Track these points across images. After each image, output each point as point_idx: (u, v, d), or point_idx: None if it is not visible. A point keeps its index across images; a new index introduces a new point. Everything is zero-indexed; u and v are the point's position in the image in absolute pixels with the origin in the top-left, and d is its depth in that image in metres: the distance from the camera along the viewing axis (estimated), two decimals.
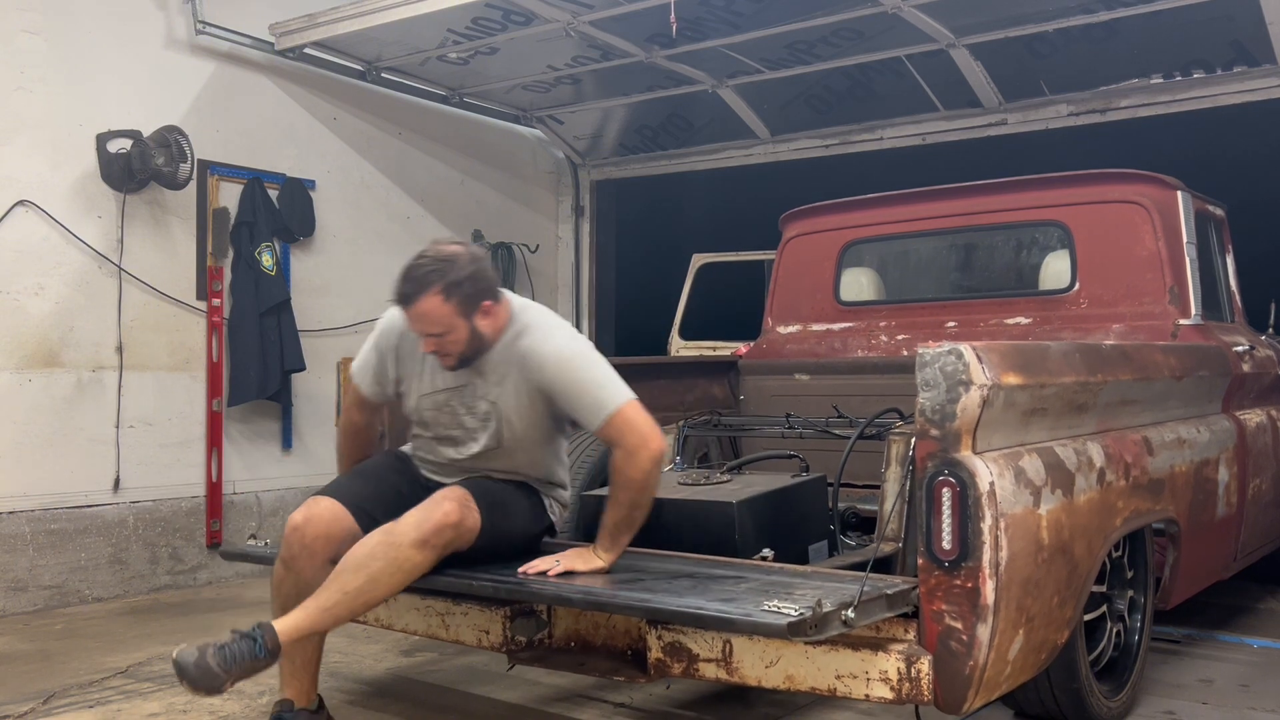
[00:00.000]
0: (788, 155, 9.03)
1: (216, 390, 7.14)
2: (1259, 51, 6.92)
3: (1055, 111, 7.84)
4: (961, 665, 2.95)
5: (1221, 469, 4.68)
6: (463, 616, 3.61)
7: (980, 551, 2.95)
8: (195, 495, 7.06)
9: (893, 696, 2.98)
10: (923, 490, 3.04)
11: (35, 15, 6.35)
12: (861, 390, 5.41)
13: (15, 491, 6.22)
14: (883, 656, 2.99)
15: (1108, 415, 3.86)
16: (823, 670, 3.04)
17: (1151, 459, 4.01)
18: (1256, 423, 5.20)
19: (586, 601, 3.11)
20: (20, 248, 6.29)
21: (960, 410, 3.02)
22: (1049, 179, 5.58)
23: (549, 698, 4.48)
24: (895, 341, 5.82)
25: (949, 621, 2.97)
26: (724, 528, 3.76)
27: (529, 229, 9.61)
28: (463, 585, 3.36)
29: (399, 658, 5.13)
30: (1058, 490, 3.32)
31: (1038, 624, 3.21)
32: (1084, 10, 6.82)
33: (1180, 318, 5.14)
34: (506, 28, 7.29)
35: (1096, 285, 5.38)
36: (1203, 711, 4.32)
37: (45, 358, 6.38)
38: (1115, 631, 4.14)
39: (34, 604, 6.24)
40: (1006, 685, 3.19)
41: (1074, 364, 3.59)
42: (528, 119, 9.46)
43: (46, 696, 4.56)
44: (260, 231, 7.27)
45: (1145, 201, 5.29)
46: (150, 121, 6.69)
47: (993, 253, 5.78)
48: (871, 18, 6.99)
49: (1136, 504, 3.87)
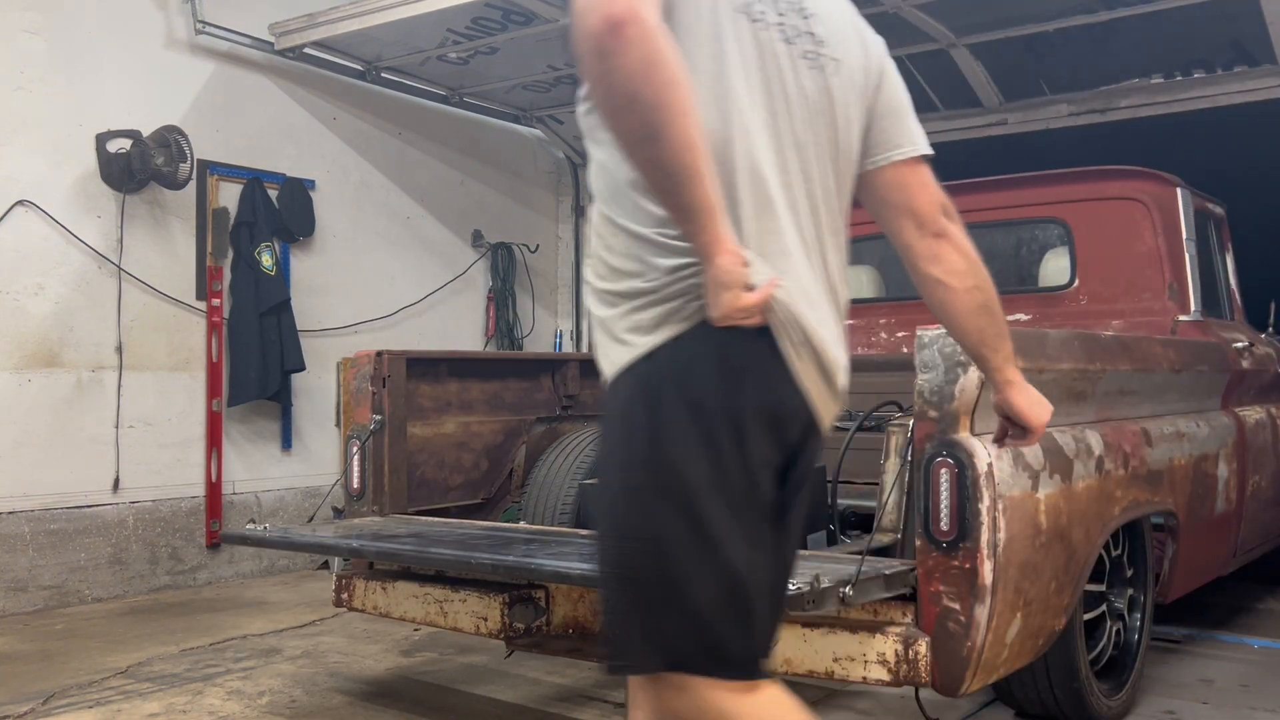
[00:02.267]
0: None
1: (216, 390, 7.14)
2: (1259, 51, 6.93)
3: (1055, 111, 7.84)
4: (959, 646, 2.95)
5: (1220, 464, 4.68)
6: (461, 603, 3.60)
7: (978, 532, 2.95)
8: (195, 495, 7.05)
9: (890, 679, 2.98)
10: (921, 471, 3.05)
11: (35, 15, 6.37)
12: (862, 388, 5.35)
13: (15, 491, 6.22)
14: (880, 639, 2.99)
15: (1106, 405, 3.86)
16: (820, 653, 3.04)
17: (1150, 450, 4.01)
18: (1256, 419, 5.20)
19: (585, 579, 3.11)
20: (20, 248, 6.29)
21: (959, 391, 3.02)
22: (1049, 176, 5.58)
23: (549, 697, 4.46)
24: (895, 339, 5.82)
25: (947, 603, 2.97)
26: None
27: (529, 229, 9.61)
28: (460, 564, 3.35)
29: (399, 657, 5.12)
30: (1056, 475, 3.32)
31: (1035, 608, 3.20)
32: (1084, 10, 6.82)
33: (1179, 314, 5.14)
34: (506, 28, 7.31)
35: (1096, 282, 5.39)
36: (1203, 711, 4.30)
37: (45, 358, 6.39)
38: (1115, 630, 4.13)
39: (34, 604, 6.23)
40: (1004, 669, 3.19)
41: (1073, 351, 3.59)
42: (528, 119, 9.47)
43: (46, 696, 4.55)
44: (260, 231, 7.28)
45: (1145, 198, 5.30)
46: (150, 121, 6.70)
47: (992, 250, 5.78)
48: (871, 17, 6.91)
49: (1135, 494, 3.87)
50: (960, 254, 2.27)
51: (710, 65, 1.96)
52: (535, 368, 5.32)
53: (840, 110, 2.13)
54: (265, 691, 4.50)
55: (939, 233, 2.27)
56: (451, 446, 4.69)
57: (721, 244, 1.83)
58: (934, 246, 2.26)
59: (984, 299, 2.30)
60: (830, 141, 2.12)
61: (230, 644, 5.41)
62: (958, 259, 2.26)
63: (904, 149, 2.26)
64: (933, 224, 2.27)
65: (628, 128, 1.80)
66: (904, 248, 2.29)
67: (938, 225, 2.27)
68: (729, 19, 1.99)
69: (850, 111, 2.16)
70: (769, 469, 1.98)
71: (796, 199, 2.04)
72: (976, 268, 2.29)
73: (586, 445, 4.71)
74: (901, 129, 2.28)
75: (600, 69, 1.77)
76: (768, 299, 1.89)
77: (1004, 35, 7.19)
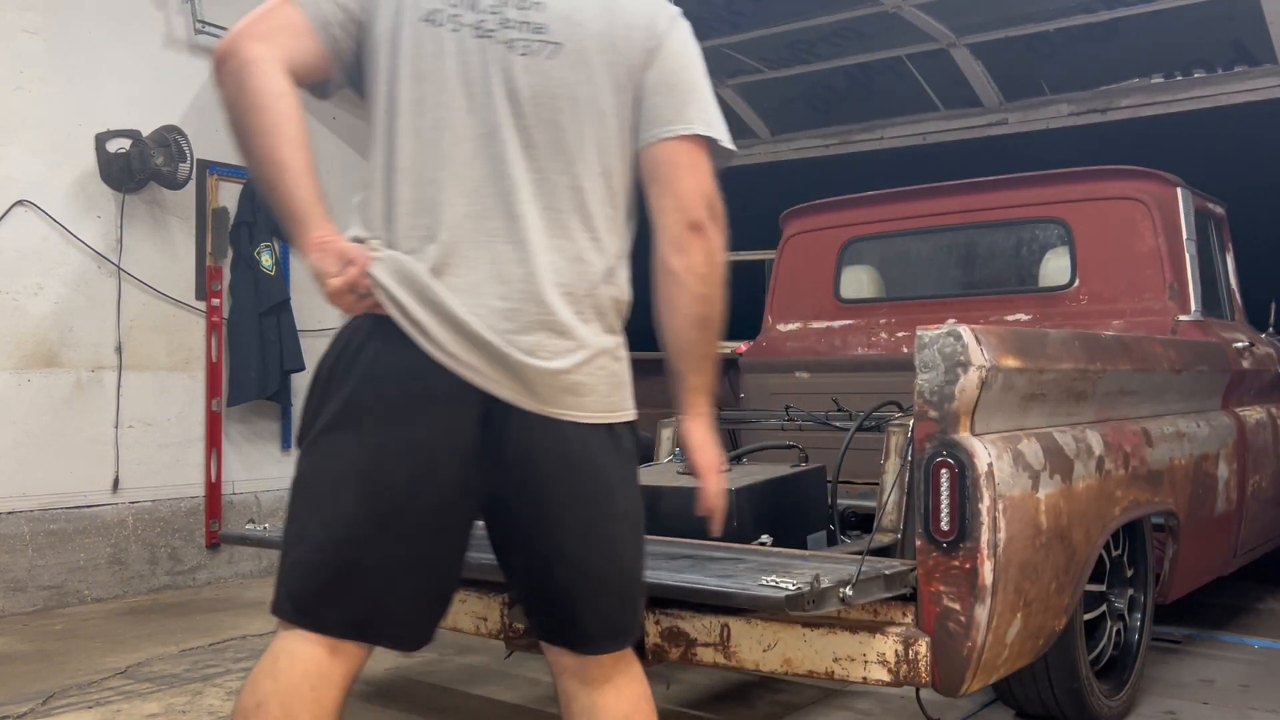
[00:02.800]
0: (788, 155, 9.03)
1: (216, 390, 7.14)
2: (1259, 51, 6.93)
3: (1055, 111, 7.85)
4: (959, 646, 2.94)
5: (1221, 464, 4.67)
6: (460, 604, 3.60)
7: (978, 532, 2.95)
8: (195, 495, 7.05)
9: (890, 679, 2.98)
10: (921, 471, 3.04)
11: (35, 15, 6.36)
12: (862, 387, 5.40)
13: (15, 491, 6.21)
14: (880, 639, 2.99)
15: (1107, 405, 3.86)
16: (820, 653, 3.04)
17: (1151, 450, 4.01)
18: (1256, 419, 5.19)
19: None
20: (19, 248, 6.29)
21: (959, 391, 3.02)
22: (1049, 176, 5.58)
23: (549, 697, 4.45)
24: (895, 339, 5.82)
25: (947, 603, 2.96)
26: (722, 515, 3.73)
27: None
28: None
29: (399, 657, 5.11)
30: (1056, 475, 3.31)
31: (1035, 609, 3.20)
32: (1084, 10, 6.83)
33: (1180, 314, 5.14)
34: None
35: (1096, 282, 5.38)
36: (1203, 711, 4.30)
37: (44, 358, 6.38)
38: (1115, 630, 4.13)
39: (33, 604, 6.22)
40: (1004, 669, 3.18)
41: (1073, 351, 3.59)
42: None
43: (46, 696, 4.55)
44: (260, 231, 7.27)
45: (1145, 198, 5.29)
46: (149, 121, 6.70)
47: (993, 250, 5.77)
48: (872, 17, 7.01)
49: (1135, 494, 3.86)
50: (707, 257, 2.21)
51: (386, 75, 2.19)
52: None
53: (564, 91, 2.15)
54: None
55: (695, 225, 2.21)
56: None
57: (310, 243, 2.07)
58: (685, 238, 2.21)
59: (707, 313, 2.25)
60: (549, 123, 2.15)
61: (230, 644, 5.41)
62: (702, 260, 2.21)
63: (673, 127, 2.21)
64: (692, 212, 2.21)
65: (236, 145, 2.17)
66: (658, 230, 2.25)
67: (696, 216, 2.21)
68: (408, 27, 2.18)
69: (580, 91, 2.17)
70: (417, 449, 2.06)
71: (479, 187, 2.13)
72: (715, 280, 2.23)
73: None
74: (673, 106, 2.22)
75: (219, 95, 2.18)
76: (354, 281, 2.07)
77: (1004, 35, 7.20)
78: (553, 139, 2.16)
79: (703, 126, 2.22)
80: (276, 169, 2.09)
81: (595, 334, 2.17)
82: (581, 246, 2.17)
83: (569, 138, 2.16)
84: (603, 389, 2.17)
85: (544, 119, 2.15)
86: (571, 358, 2.12)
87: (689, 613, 3.20)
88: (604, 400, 2.17)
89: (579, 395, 2.12)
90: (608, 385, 2.18)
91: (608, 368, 2.19)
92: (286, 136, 2.10)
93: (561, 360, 2.11)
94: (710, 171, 2.24)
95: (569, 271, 2.15)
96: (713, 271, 2.22)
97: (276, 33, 2.20)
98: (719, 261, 2.23)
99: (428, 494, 2.07)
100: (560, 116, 2.16)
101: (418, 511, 2.07)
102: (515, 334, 2.07)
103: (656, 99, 2.22)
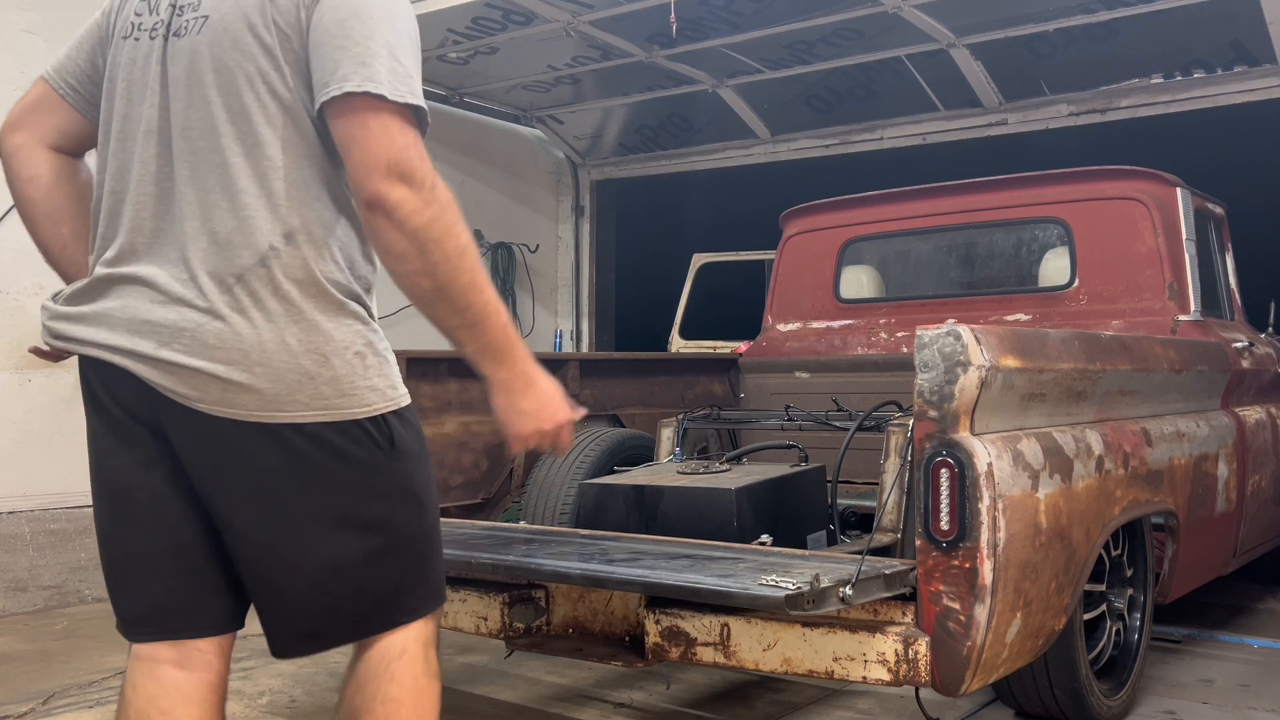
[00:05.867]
0: (788, 155, 9.04)
1: None
2: (1259, 51, 6.94)
3: (1055, 111, 7.85)
4: (959, 646, 2.94)
5: (1221, 464, 4.67)
6: (460, 603, 3.60)
7: (978, 532, 2.95)
8: None
9: (890, 679, 2.97)
10: (921, 471, 3.04)
11: (35, 15, 6.37)
12: (862, 387, 5.41)
13: (15, 491, 6.22)
14: (880, 638, 2.99)
15: (1106, 405, 3.86)
16: (820, 653, 3.03)
17: (1150, 450, 4.01)
18: (1256, 419, 5.19)
19: (585, 578, 3.11)
20: (20, 248, 6.27)
21: (958, 391, 3.02)
22: (1048, 176, 5.58)
23: (549, 697, 4.46)
24: (895, 339, 5.82)
25: (947, 602, 2.96)
26: (723, 514, 3.75)
27: (529, 229, 9.61)
28: (460, 564, 3.35)
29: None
30: (1056, 475, 3.32)
31: (1035, 608, 3.20)
32: (1084, 10, 6.84)
33: (1179, 314, 5.14)
34: (506, 28, 7.31)
35: (1096, 282, 5.38)
36: (1203, 711, 4.30)
37: None
38: (1115, 630, 4.13)
39: (34, 604, 6.23)
40: (1004, 669, 3.18)
41: (1073, 351, 3.59)
42: (528, 119, 9.48)
43: (46, 696, 4.55)
44: None
45: (1144, 198, 5.30)
46: None
47: (992, 250, 5.78)
48: (871, 17, 7.01)
49: (1135, 494, 3.86)
50: (399, 233, 1.91)
51: (105, 102, 2.21)
52: None
53: (211, 64, 2.02)
54: (265, 691, 4.50)
55: (371, 202, 1.90)
56: (452, 446, 4.68)
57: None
58: (368, 220, 1.94)
59: (435, 285, 1.95)
60: (200, 101, 2.03)
61: None
62: (394, 239, 1.91)
63: (328, 89, 1.92)
64: (364, 189, 1.91)
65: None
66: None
67: (371, 191, 1.90)
68: (114, 50, 2.21)
69: (227, 59, 2.00)
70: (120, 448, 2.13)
71: (143, 185, 2.10)
72: (425, 248, 1.92)
73: (587, 445, 4.72)
74: (326, 65, 1.94)
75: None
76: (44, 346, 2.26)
77: (1004, 35, 7.20)
78: (204, 117, 2.01)
79: (358, 83, 1.90)
80: (42, 250, 2.34)
81: (262, 320, 1.97)
82: (229, 228, 1.98)
83: (217, 111, 1.99)
84: (269, 385, 1.96)
85: (195, 98, 2.02)
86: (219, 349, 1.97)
87: (689, 612, 3.20)
88: (274, 398, 1.96)
89: (238, 392, 1.95)
90: (291, 379, 1.97)
91: (282, 358, 1.97)
92: (37, 218, 2.30)
93: (198, 354, 1.97)
94: (386, 132, 1.92)
95: (215, 257, 1.98)
96: (414, 246, 1.91)
97: (28, 114, 2.28)
98: (421, 225, 1.90)
99: (138, 488, 2.15)
100: (209, 91, 2.00)
101: (138, 504, 2.15)
102: (172, 330, 1.98)
103: (315, 59, 1.96)
